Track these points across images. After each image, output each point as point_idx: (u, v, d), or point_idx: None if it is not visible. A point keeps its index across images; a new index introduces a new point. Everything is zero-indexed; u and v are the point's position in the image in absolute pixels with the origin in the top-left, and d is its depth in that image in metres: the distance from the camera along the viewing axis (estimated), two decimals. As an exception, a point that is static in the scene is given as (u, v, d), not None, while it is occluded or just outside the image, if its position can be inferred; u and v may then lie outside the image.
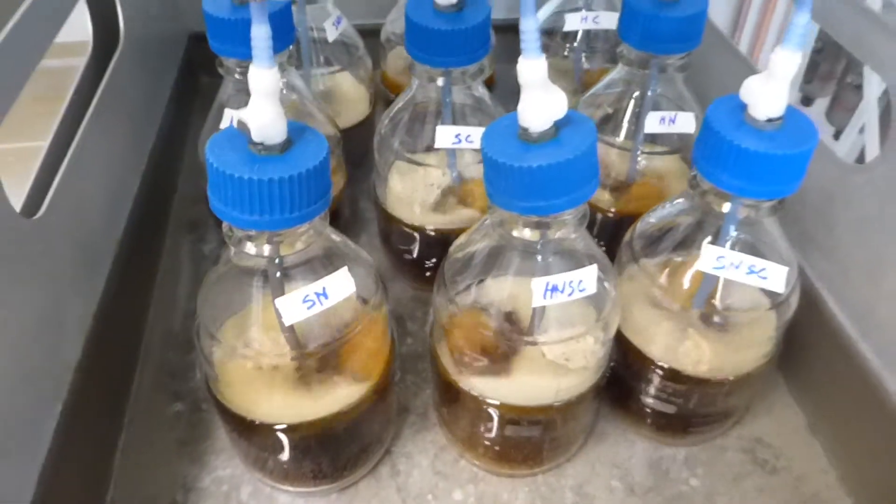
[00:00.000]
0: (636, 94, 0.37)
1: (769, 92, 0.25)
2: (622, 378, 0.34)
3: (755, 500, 0.33)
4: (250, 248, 0.25)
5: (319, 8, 0.42)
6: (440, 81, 0.35)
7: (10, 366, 0.25)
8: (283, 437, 0.29)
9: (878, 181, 0.30)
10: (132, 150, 0.40)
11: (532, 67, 0.23)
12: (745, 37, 0.63)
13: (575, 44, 0.46)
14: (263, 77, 0.22)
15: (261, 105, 0.22)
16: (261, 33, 0.21)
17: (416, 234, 0.39)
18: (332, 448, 0.31)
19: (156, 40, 0.47)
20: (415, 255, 0.40)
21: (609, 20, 0.44)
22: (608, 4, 0.45)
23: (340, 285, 0.27)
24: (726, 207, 0.28)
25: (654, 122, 0.36)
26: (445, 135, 0.35)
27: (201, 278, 0.41)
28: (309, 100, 0.39)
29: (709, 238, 0.29)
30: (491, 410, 0.31)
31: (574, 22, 0.44)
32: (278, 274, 0.26)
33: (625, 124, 0.38)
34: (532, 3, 0.22)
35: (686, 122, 0.36)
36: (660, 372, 0.32)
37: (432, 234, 0.38)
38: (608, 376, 0.32)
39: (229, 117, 0.35)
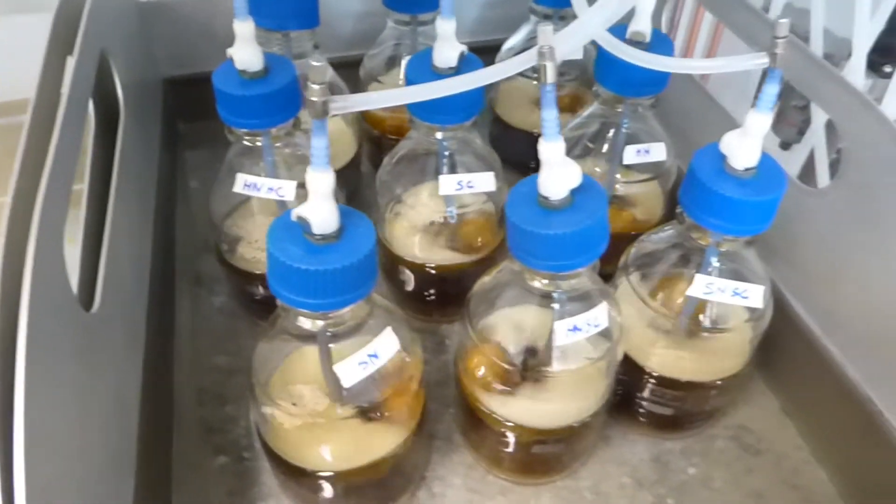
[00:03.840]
0: (611, 129, 0.41)
1: (745, 146, 0.29)
2: (622, 386, 0.38)
3: (745, 480, 0.38)
4: (304, 322, 0.28)
5: (305, 61, 0.43)
6: (439, 135, 0.37)
7: (98, 449, 0.28)
8: (330, 483, 0.32)
9: (830, 204, 0.35)
10: (142, 214, 0.41)
11: (553, 149, 0.26)
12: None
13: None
14: (321, 180, 0.25)
15: (320, 204, 0.25)
16: (320, 144, 0.24)
17: (416, 271, 0.42)
18: (378, 485, 0.34)
19: (140, 94, 0.47)
20: (415, 288, 0.43)
21: (577, 52, 0.47)
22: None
23: (388, 345, 0.30)
24: (709, 241, 0.32)
25: (631, 154, 0.40)
26: (449, 183, 0.38)
27: (218, 332, 0.43)
28: (306, 149, 0.41)
29: (695, 265, 0.34)
30: (516, 433, 0.34)
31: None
32: (329, 344, 0.29)
33: (602, 154, 0.42)
34: (553, 97, 0.25)
35: (659, 152, 0.41)
36: (655, 380, 0.37)
37: (432, 270, 0.42)
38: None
39: (241, 181, 0.37)
